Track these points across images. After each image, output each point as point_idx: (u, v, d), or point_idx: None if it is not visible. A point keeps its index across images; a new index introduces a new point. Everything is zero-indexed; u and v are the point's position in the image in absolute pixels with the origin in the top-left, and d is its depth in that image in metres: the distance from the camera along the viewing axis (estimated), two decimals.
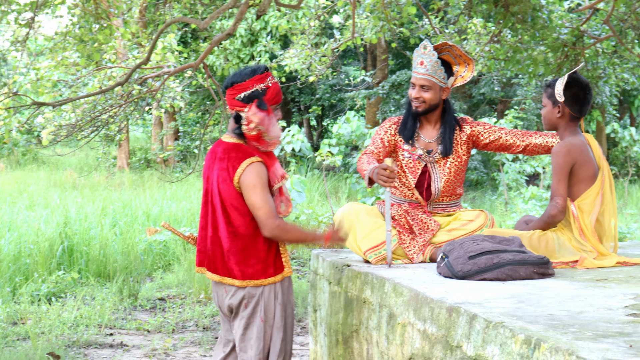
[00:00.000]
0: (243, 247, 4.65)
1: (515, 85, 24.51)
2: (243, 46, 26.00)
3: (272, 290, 4.72)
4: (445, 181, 5.94)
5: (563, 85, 5.61)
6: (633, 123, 30.40)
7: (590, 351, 2.90)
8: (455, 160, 5.93)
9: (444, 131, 5.93)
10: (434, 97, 5.85)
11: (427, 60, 5.82)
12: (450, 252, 4.90)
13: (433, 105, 5.88)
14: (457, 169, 5.96)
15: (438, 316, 3.99)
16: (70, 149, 23.41)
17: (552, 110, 5.68)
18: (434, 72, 5.81)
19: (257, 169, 4.58)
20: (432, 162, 5.94)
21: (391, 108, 25.42)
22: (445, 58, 5.97)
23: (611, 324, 3.41)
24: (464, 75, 6.03)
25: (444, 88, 5.88)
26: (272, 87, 4.68)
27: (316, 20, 11.99)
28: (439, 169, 5.94)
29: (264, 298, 4.71)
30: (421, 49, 5.87)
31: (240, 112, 4.63)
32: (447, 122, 5.94)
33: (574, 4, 11.30)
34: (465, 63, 6.02)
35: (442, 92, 5.88)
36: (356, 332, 5.30)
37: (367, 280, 5.14)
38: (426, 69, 5.82)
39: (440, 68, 5.81)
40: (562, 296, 4.11)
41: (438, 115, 5.97)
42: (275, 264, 4.71)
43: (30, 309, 9.26)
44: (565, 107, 5.61)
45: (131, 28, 10.33)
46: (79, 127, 9.61)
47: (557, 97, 5.62)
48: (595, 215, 5.54)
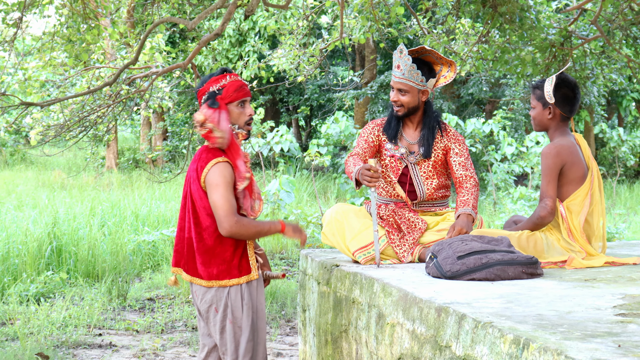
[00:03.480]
0: (209, 247, 4.71)
1: (504, 85, 24.54)
2: (231, 46, 25.98)
3: (238, 292, 4.75)
4: (427, 182, 5.97)
5: (552, 86, 5.62)
6: (621, 123, 30.44)
7: (579, 351, 2.91)
8: (435, 163, 5.97)
9: (424, 134, 5.97)
10: (411, 100, 5.90)
11: (403, 64, 5.87)
12: (439, 252, 4.90)
13: (412, 108, 5.93)
14: (439, 171, 5.99)
15: (427, 316, 4.00)
16: (59, 149, 23.38)
17: (542, 112, 5.69)
18: (409, 76, 5.86)
19: (221, 169, 4.64)
20: (412, 162, 5.98)
21: (379, 108, 25.43)
22: (426, 59, 6.01)
23: (600, 323, 3.42)
24: (447, 76, 6.06)
25: (423, 90, 5.92)
26: (229, 85, 4.75)
27: (304, 20, 11.98)
28: (420, 171, 5.98)
29: (231, 299, 4.74)
30: (397, 52, 5.91)
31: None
32: (427, 125, 5.98)
33: (562, 5, 11.32)
34: (448, 64, 6.04)
35: (420, 95, 5.93)
36: (345, 332, 5.31)
37: (356, 280, 5.15)
38: (402, 72, 5.88)
39: (416, 72, 5.86)
40: (550, 296, 4.12)
41: (420, 117, 6.02)
42: (241, 265, 4.73)
43: (18, 310, 9.24)
44: (556, 108, 5.63)
45: (119, 28, 10.30)
46: (67, 127, 9.58)
47: (547, 98, 5.63)
48: (584, 215, 5.55)
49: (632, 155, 27.43)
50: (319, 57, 11.96)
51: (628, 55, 10.53)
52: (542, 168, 5.53)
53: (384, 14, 9.93)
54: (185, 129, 28.31)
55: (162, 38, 12.39)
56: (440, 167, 5.99)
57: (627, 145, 27.27)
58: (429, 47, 6.26)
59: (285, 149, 21.96)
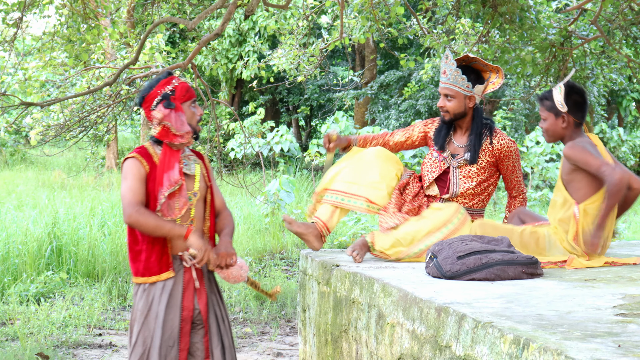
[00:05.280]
0: (129, 244, 4.75)
1: (504, 85, 24.52)
2: (231, 46, 25.99)
3: (137, 292, 4.77)
4: (463, 184, 5.96)
5: (563, 95, 5.60)
6: (621, 123, 30.43)
7: (579, 351, 2.91)
8: (478, 170, 5.97)
9: (471, 139, 5.99)
10: (458, 106, 5.93)
11: (449, 70, 5.92)
12: (439, 252, 4.90)
13: (458, 113, 5.96)
14: (480, 178, 5.99)
15: (427, 316, 4.00)
16: (59, 149, 23.39)
17: (555, 122, 5.66)
18: (455, 81, 5.89)
19: (128, 164, 4.70)
20: (455, 166, 5.99)
21: (379, 108, 25.43)
22: (474, 67, 6.05)
23: (600, 323, 3.42)
24: (495, 82, 6.09)
25: (470, 96, 5.93)
26: (180, 86, 4.79)
27: (304, 20, 11.98)
28: (460, 174, 5.98)
29: (136, 297, 4.77)
30: (444, 58, 5.98)
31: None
32: (474, 131, 5.99)
33: (562, 5, 11.31)
34: (495, 70, 6.08)
35: (467, 101, 5.94)
36: (345, 332, 5.31)
37: (356, 280, 5.15)
38: (447, 78, 5.94)
39: (461, 77, 5.89)
40: (550, 296, 4.12)
41: (468, 122, 6.04)
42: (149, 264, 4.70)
43: (19, 310, 9.24)
44: (570, 115, 5.61)
45: (119, 28, 10.30)
46: (67, 127, 9.58)
47: (559, 107, 5.61)
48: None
49: (632, 155, 27.43)
50: (319, 57, 11.95)
51: (628, 55, 10.53)
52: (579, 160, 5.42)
53: (384, 14, 9.93)
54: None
55: (162, 38, 12.39)
56: (482, 175, 5.98)
57: (627, 145, 27.26)
58: (473, 54, 6.30)
59: (285, 149, 21.96)
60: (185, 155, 4.88)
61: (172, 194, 4.70)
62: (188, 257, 4.76)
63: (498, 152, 5.97)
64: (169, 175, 4.70)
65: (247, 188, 11.49)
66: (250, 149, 20.48)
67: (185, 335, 4.75)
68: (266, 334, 8.73)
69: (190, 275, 4.78)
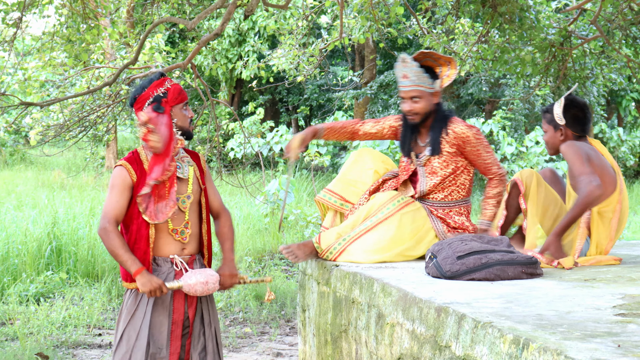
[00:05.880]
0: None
1: (503, 85, 24.52)
2: (231, 46, 25.98)
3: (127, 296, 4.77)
4: (429, 184, 5.96)
5: (562, 108, 5.64)
6: (620, 123, 30.43)
7: (579, 351, 2.91)
8: (440, 164, 5.95)
9: (431, 134, 5.96)
10: (426, 105, 5.90)
11: (410, 72, 5.86)
12: (439, 252, 4.91)
13: (427, 113, 5.93)
14: (444, 173, 5.95)
15: (427, 316, 4.00)
16: (58, 149, 23.37)
17: (554, 134, 5.72)
18: (419, 82, 5.85)
19: (115, 172, 4.73)
20: (420, 165, 5.99)
21: (379, 108, 25.41)
22: (426, 64, 5.99)
23: (599, 323, 3.42)
24: (449, 74, 6.05)
25: (434, 93, 5.91)
26: (172, 89, 4.79)
27: (304, 20, 11.98)
28: (425, 172, 5.99)
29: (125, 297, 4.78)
30: (401, 62, 5.90)
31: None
32: (435, 124, 5.96)
33: (562, 5, 11.31)
34: (447, 62, 6.04)
35: (432, 98, 5.92)
36: (345, 332, 5.31)
37: (355, 280, 5.15)
38: (411, 80, 5.87)
39: (424, 75, 5.85)
40: (550, 296, 4.12)
41: (432, 120, 6.00)
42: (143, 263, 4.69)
43: (18, 310, 9.25)
44: (567, 129, 5.66)
45: (119, 28, 10.30)
46: (66, 127, 9.58)
47: (557, 120, 5.66)
48: (615, 222, 5.54)
49: (631, 155, 27.42)
50: (318, 57, 11.95)
51: (628, 55, 10.52)
52: (569, 160, 5.44)
53: (384, 14, 9.93)
54: None
55: (161, 38, 12.39)
56: (446, 168, 5.94)
57: (626, 145, 27.25)
58: (428, 47, 6.28)
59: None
60: (179, 157, 4.87)
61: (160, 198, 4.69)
62: (179, 261, 4.76)
63: (456, 141, 5.89)
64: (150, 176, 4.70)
65: (246, 188, 11.50)
66: (250, 149, 20.45)
67: (177, 339, 4.74)
68: (266, 334, 8.73)
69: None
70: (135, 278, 4.57)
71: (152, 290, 4.56)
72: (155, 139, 4.69)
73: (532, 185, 5.60)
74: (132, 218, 4.71)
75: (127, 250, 4.58)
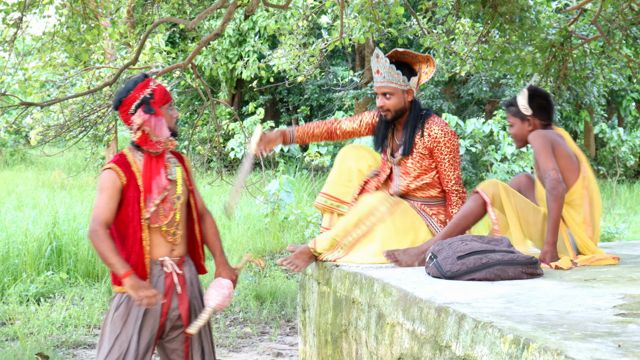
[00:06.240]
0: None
1: (504, 85, 24.53)
2: (231, 46, 25.97)
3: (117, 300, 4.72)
4: (403, 184, 5.95)
5: (526, 98, 5.66)
6: (621, 123, 30.44)
7: (579, 351, 2.91)
8: (413, 164, 5.92)
9: (405, 133, 5.93)
10: (397, 102, 5.86)
11: (382, 68, 5.85)
12: (439, 252, 4.91)
13: (399, 110, 5.89)
14: (418, 173, 5.92)
15: (427, 316, 4.00)
16: (59, 149, 23.36)
17: (522, 126, 5.73)
18: (391, 78, 5.82)
19: (104, 175, 4.65)
20: (394, 163, 5.99)
21: None
22: (404, 60, 5.97)
23: (600, 323, 3.42)
24: (427, 71, 6.02)
25: (407, 90, 5.87)
26: (158, 89, 4.75)
27: (304, 20, 11.98)
28: (400, 171, 5.98)
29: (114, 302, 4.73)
30: (374, 58, 5.90)
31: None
32: (409, 123, 5.92)
33: (562, 5, 11.31)
34: (425, 60, 6.02)
35: (406, 95, 5.87)
36: (345, 332, 5.31)
37: (356, 280, 5.15)
38: (383, 76, 5.85)
39: (396, 72, 5.81)
40: (550, 296, 4.12)
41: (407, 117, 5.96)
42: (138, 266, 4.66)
43: (18, 310, 9.25)
44: (535, 118, 5.68)
45: (119, 28, 10.30)
46: (67, 127, 9.59)
47: (523, 111, 5.68)
48: (587, 208, 5.54)
49: (632, 155, 27.43)
50: (319, 57, 11.95)
51: (628, 55, 10.52)
52: (535, 151, 5.48)
53: (384, 14, 9.93)
54: (185, 129, 28.30)
55: (162, 38, 12.39)
56: (419, 169, 5.91)
57: (627, 145, 27.26)
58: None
59: (285, 149, 21.96)
60: (167, 158, 4.85)
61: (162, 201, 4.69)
62: (169, 263, 4.74)
63: (429, 143, 5.85)
64: (157, 181, 4.69)
65: (247, 188, 11.49)
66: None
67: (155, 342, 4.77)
68: (266, 334, 8.74)
69: (171, 280, 4.75)
70: (123, 281, 4.51)
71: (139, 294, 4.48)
72: (156, 139, 4.68)
73: (501, 195, 5.53)
74: (125, 222, 4.66)
75: (116, 253, 4.53)
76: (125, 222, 4.65)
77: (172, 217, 4.74)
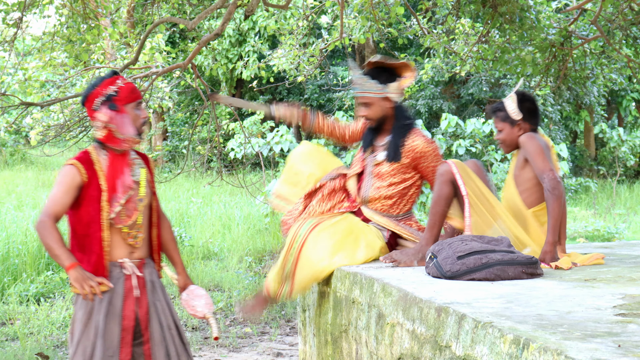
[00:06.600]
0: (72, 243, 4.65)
1: (504, 85, 24.54)
2: (231, 46, 25.98)
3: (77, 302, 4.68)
4: (374, 187, 5.89)
5: (515, 103, 5.63)
6: (621, 123, 30.47)
7: (579, 351, 2.90)
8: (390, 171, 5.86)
9: (391, 138, 5.89)
10: (376, 111, 5.84)
11: (356, 79, 5.84)
12: (439, 252, 4.90)
13: (380, 117, 5.87)
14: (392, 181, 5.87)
15: (427, 316, 4.00)
16: (59, 149, 23.32)
17: (511, 130, 5.67)
18: (365, 88, 5.81)
19: (65, 170, 4.60)
20: (370, 163, 5.94)
21: None
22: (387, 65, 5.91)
23: (600, 323, 3.41)
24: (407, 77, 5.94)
25: (385, 97, 5.82)
26: (124, 87, 4.68)
27: (304, 20, 11.99)
28: (372, 172, 5.92)
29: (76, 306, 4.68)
30: (349, 70, 5.90)
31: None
32: (394, 129, 5.88)
33: (562, 5, 11.32)
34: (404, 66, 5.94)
35: (384, 102, 5.83)
36: (345, 332, 5.31)
37: (356, 280, 5.15)
38: (358, 87, 5.84)
39: (369, 82, 5.79)
40: (550, 296, 4.12)
41: (391, 123, 5.93)
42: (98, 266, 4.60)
43: (18, 310, 9.25)
44: (525, 122, 5.64)
45: (119, 28, 10.30)
46: (67, 127, 9.58)
47: (513, 116, 5.63)
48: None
49: (632, 155, 27.44)
50: (319, 57, 11.95)
51: (628, 55, 10.53)
52: (529, 153, 5.44)
53: (384, 14, 9.93)
54: (185, 129, 28.31)
55: (162, 38, 12.40)
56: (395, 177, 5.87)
57: (627, 145, 27.27)
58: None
59: (285, 149, 21.91)
60: (131, 159, 4.80)
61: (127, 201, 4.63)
62: (129, 265, 4.70)
63: (412, 154, 5.82)
64: (122, 180, 4.64)
65: (247, 188, 11.50)
66: (250, 149, 20.44)
67: (127, 346, 4.63)
68: (266, 334, 8.73)
69: (131, 283, 4.69)
70: (68, 273, 4.44)
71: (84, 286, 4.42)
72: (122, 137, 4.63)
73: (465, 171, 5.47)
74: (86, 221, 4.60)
75: (62, 245, 4.46)
76: (86, 222, 4.58)
77: (134, 218, 4.69)
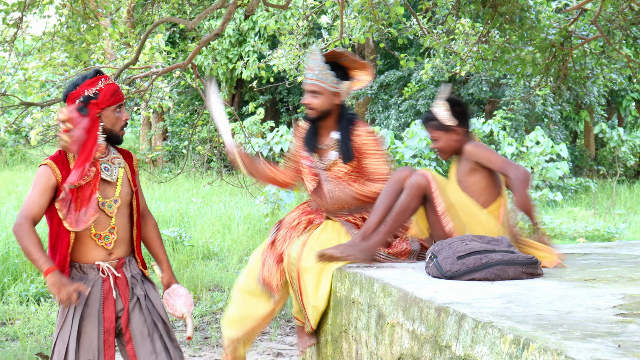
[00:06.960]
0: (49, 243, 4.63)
1: (504, 85, 24.54)
2: (231, 46, 25.98)
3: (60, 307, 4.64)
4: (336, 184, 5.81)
5: (448, 109, 5.61)
6: (621, 123, 30.47)
7: (579, 351, 2.90)
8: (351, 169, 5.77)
9: (340, 137, 5.78)
10: (324, 103, 5.71)
11: (315, 66, 5.71)
12: (439, 252, 4.90)
13: (325, 111, 5.75)
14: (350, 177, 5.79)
15: (427, 316, 3.99)
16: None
17: (447, 137, 5.64)
18: (321, 77, 5.67)
19: (40, 171, 4.58)
20: (322, 168, 5.85)
21: (379, 108, 25.43)
22: (343, 63, 5.83)
23: (600, 323, 3.41)
24: (362, 79, 5.89)
25: (336, 92, 5.73)
26: (105, 89, 4.59)
27: (304, 20, 11.99)
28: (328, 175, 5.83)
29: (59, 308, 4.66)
30: (309, 54, 5.78)
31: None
32: (342, 128, 5.78)
33: (562, 5, 11.32)
34: (362, 67, 5.86)
35: (334, 97, 5.73)
36: (345, 332, 5.31)
37: (356, 280, 5.15)
38: (314, 74, 5.71)
39: (328, 72, 5.68)
40: (550, 296, 4.11)
41: (334, 120, 5.82)
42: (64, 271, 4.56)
43: (18, 310, 9.25)
44: (459, 127, 5.62)
45: (119, 28, 10.30)
46: None
47: (447, 122, 5.61)
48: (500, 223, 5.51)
49: (632, 155, 27.46)
50: None
51: (628, 55, 10.53)
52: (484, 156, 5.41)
53: (384, 14, 9.93)
54: (185, 129, 28.31)
55: (162, 38, 12.39)
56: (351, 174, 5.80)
57: (627, 145, 27.29)
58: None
59: (285, 149, 21.92)
60: (109, 158, 4.75)
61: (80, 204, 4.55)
62: (105, 267, 4.66)
63: (358, 145, 5.73)
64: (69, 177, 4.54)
65: (247, 188, 11.49)
66: (250, 149, 20.45)
67: (110, 347, 4.60)
68: (266, 334, 8.73)
69: (109, 284, 4.66)
70: (45, 278, 4.42)
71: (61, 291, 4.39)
72: (67, 140, 4.55)
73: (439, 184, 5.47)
74: (53, 220, 4.61)
75: (40, 249, 4.45)
76: (57, 222, 4.59)
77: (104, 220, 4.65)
